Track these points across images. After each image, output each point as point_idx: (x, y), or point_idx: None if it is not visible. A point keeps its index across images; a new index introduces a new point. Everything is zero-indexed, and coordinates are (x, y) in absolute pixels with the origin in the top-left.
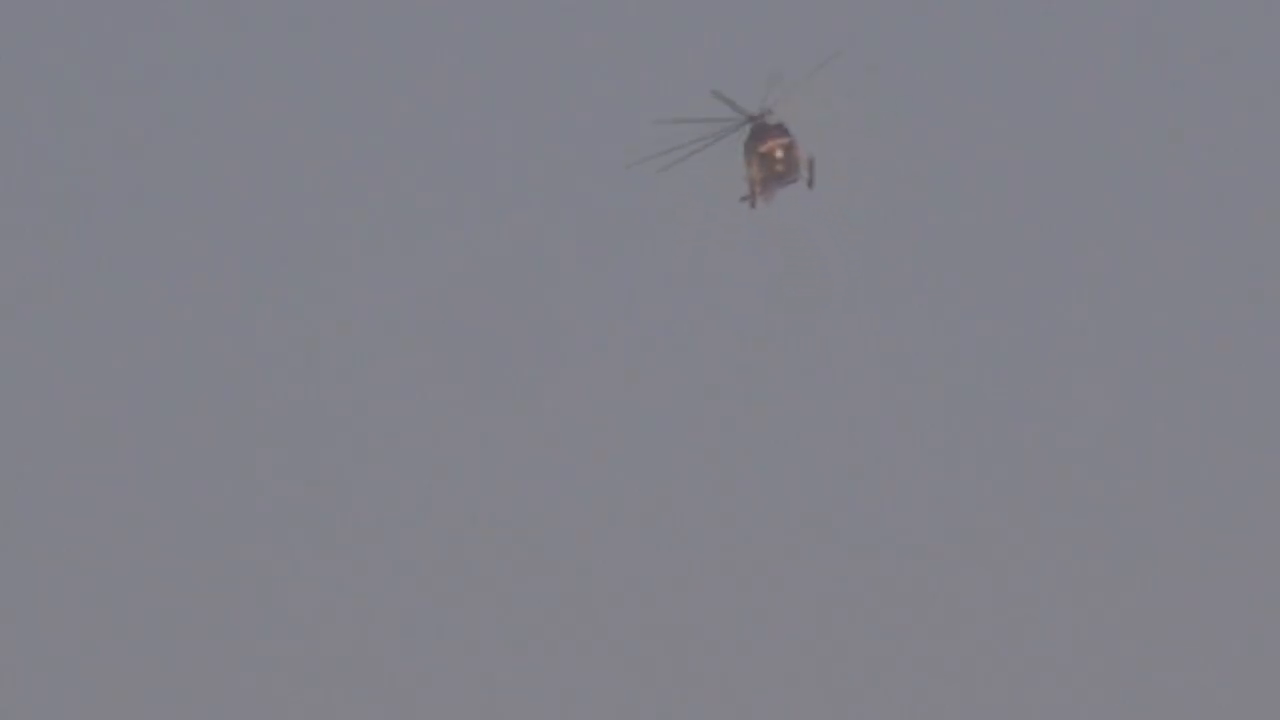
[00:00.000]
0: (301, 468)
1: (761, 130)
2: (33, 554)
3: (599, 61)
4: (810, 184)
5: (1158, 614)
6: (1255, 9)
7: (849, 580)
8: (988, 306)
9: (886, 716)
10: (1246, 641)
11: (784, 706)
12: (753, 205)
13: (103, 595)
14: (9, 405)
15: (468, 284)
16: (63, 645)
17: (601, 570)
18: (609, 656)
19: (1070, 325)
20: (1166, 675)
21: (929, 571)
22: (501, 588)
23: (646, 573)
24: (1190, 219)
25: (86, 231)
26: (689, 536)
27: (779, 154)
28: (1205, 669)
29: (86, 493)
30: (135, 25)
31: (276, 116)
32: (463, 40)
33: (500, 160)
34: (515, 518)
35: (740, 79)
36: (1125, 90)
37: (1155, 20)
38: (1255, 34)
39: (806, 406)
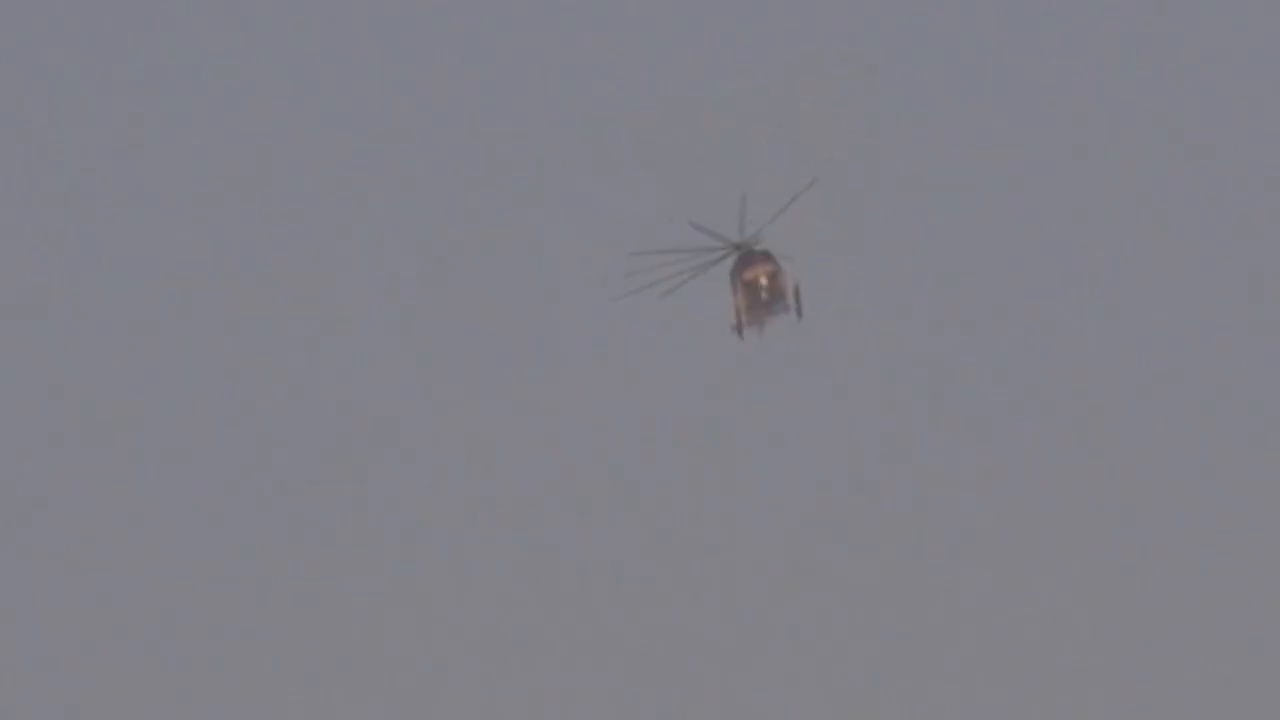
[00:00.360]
0: (300, 467)
1: (746, 258)
2: (33, 553)
3: (600, 61)
4: (799, 314)
5: (1157, 613)
6: (1255, 9)
7: (847, 579)
8: (987, 306)
9: (885, 715)
10: (1246, 641)
11: (782, 704)
12: (740, 335)
13: (103, 592)
14: (9, 405)
15: (468, 283)
16: (63, 645)
17: (600, 568)
18: (608, 651)
19: (1070, 325)
20: (1166, 674)
21: (929, 571)
22: (501, 587)
23: (646, 571)
24: (1191, 219)
25: (86, 231)
26: (688, 534)
27: (763, 281)
28: (1205, 668)
29: (87, 492)
30: (135, 25)
31: (276, 116)
32: (463, 40)
33: (500, 160)
34: (514, 517)
35: (738, 79)
36: (1125, 91)
37: (1155, 20)
38: (1255, 34)
39: (806, 405)
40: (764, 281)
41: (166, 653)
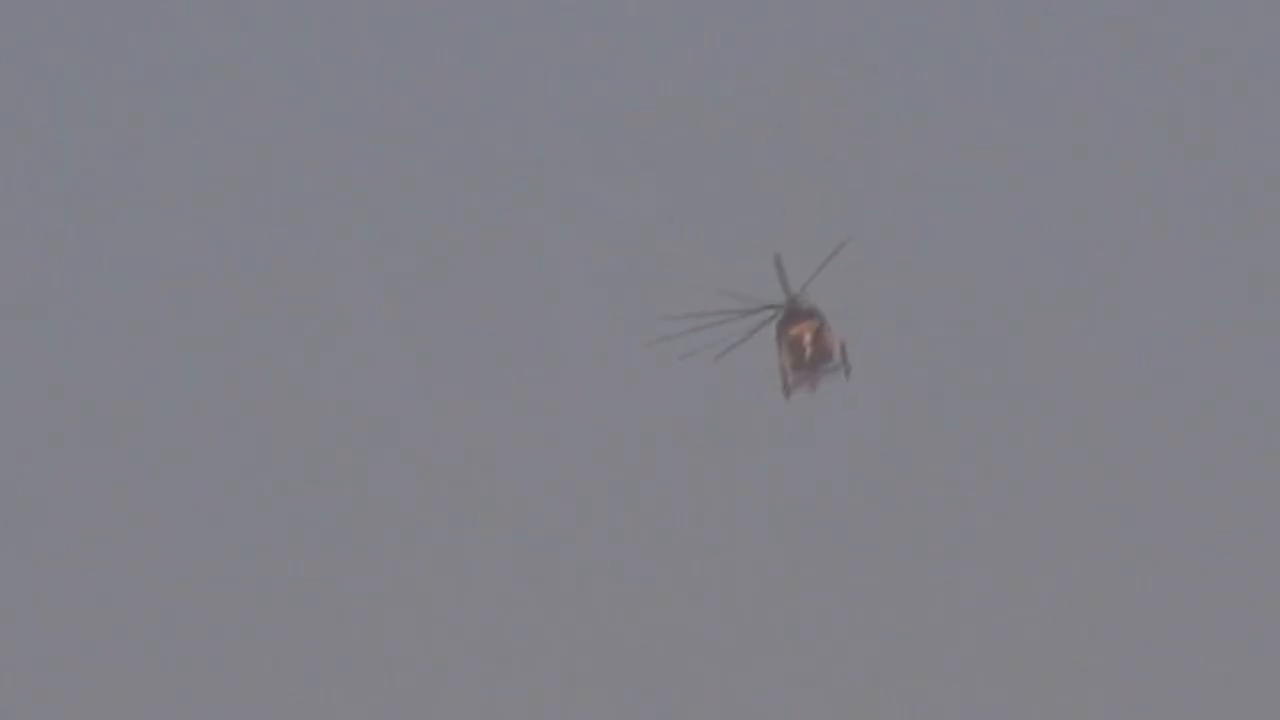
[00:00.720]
0: (300, 467)
1: (791, 315)
2: (33, 553)
3: (600, 61)
4: (847, 373)
5: (1157, 614)
6: (1255, 9)
7: (847, 579)
8: (987, 306)
9: (885, 715)
10: (1246, 641)
11: (782, 704)
12: (787, 395)
13: (103, 592)
14: (9, 405)
15: (468, 283)
16: (63, 645)
17: (600, 568)
18: (608, 651)
19: (1070, 325)
20: (1166, 674)
21: (929, 571)
22: (501, 587)
23: (645, 571)
24: (1191, 219)
25: (86, 231)
26: (688, 534)
27: (807, 338)
28: (1205, 668)
29: (87, 492)
30: (135, 25)
31: (276, 116)
32: (463, 40)
33: (500, 160)
34: (514, 517)
35: (738, 79)
36: (1125, 91)
37: (1155, 20)
38: (1255, 34)
39: (806, 405)
40: (808, 338)
41: (166, 653)
